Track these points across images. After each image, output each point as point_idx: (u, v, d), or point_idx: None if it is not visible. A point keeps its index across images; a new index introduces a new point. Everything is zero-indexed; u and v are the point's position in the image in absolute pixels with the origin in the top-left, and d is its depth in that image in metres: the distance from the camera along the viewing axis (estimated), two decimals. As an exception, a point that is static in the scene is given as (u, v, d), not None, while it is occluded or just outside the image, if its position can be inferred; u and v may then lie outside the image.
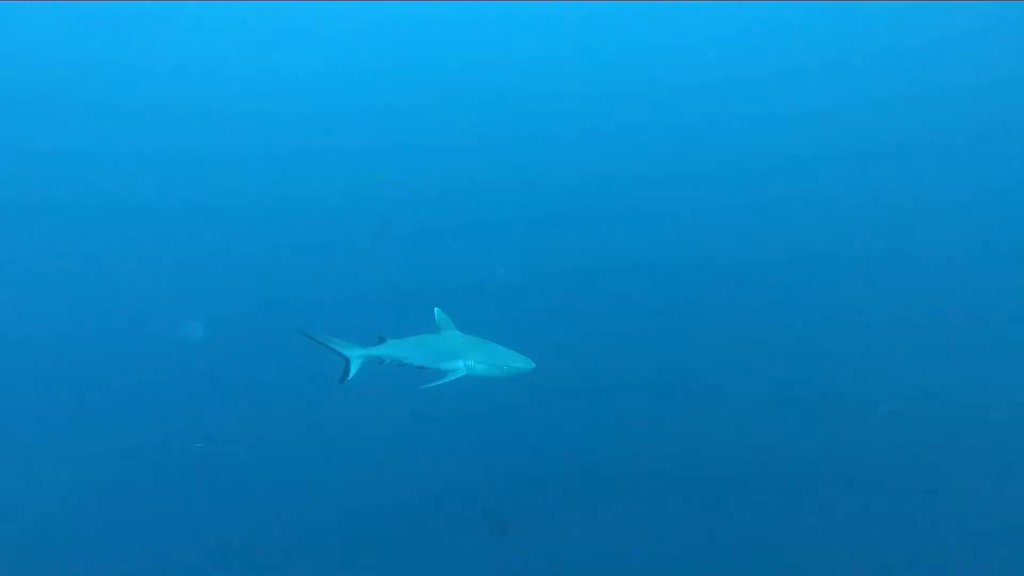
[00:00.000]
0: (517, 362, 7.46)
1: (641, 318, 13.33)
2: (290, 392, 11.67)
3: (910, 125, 20.81)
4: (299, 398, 11.37)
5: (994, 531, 8.38)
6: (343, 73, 30.60)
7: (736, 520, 8.92)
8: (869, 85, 24.38)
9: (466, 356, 7.52)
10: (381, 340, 7.75)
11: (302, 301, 14.61)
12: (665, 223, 17.24)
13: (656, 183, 19.37)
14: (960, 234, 15.33)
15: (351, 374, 7.75)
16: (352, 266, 16.30)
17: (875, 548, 8.38)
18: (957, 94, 22.47)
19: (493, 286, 14.94)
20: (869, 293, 13.60)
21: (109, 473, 10.35)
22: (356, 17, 35.79)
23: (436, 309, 7.93)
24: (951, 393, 10.57)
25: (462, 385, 7.22)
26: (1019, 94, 21.73)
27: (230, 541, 9.06)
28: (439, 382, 7.31)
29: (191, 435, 10.88)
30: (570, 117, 24.76)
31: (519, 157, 22.04)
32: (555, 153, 21.94)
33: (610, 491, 9.51)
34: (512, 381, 7.55)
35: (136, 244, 17.20)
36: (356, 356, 7.76)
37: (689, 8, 33.18)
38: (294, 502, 9.81)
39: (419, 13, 35.62)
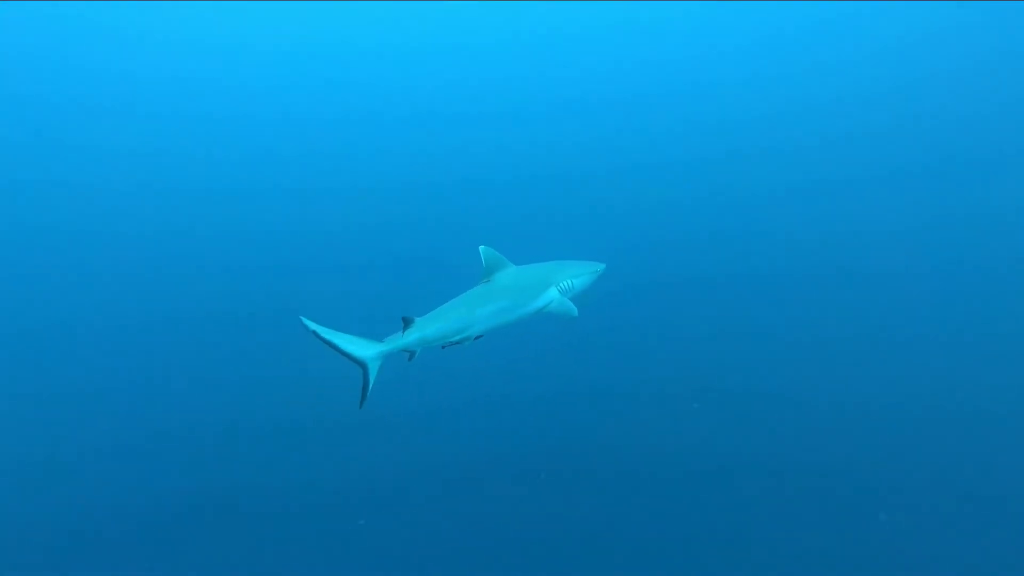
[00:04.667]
0: (597, 266, 6.51)
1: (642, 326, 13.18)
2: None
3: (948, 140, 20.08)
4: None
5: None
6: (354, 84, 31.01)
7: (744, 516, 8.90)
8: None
9: (558, 279, 6.15)
10: (407, 324, 5.63)
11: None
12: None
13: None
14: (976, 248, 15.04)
15: (370, 386, 5.55)
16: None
17: (874, 548, 8.35)
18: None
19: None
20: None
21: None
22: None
23: (482, 247, 6.18)
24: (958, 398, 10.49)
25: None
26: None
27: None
28: (569, 315, 6.07)
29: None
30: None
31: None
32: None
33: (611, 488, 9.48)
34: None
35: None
36: (373, 358, 5.58)
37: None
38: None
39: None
